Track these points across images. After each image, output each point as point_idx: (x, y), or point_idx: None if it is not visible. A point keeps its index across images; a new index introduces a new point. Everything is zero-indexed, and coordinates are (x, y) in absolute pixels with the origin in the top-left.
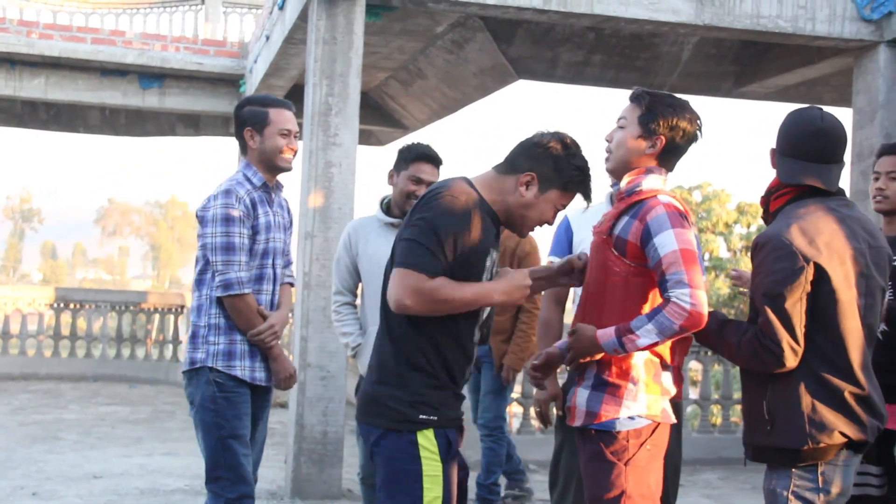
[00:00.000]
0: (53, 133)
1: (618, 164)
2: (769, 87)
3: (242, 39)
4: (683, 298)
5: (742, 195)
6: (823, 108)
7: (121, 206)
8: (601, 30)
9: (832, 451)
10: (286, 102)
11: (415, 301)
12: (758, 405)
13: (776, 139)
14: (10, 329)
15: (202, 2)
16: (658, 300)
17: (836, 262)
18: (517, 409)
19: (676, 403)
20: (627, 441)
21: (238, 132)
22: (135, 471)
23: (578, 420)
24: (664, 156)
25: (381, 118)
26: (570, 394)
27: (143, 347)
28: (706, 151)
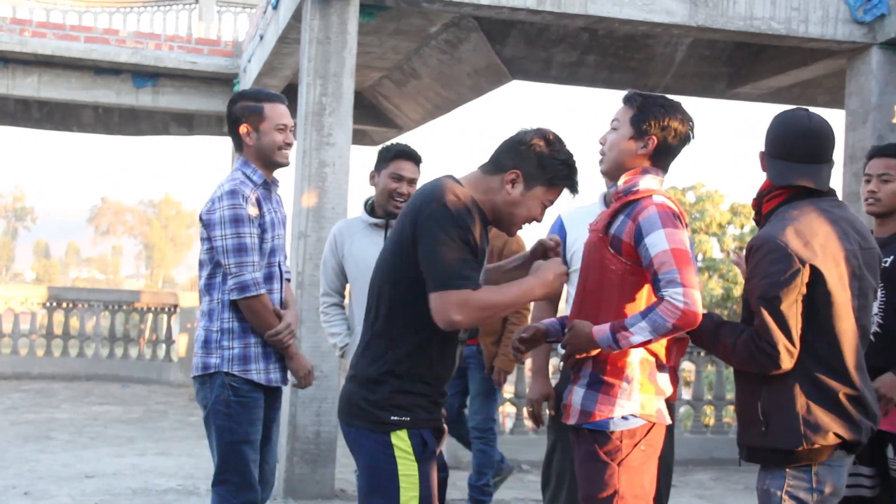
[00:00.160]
0: (47, 132)
1: (611, 166)
2: (762, 89)
3: (236, 39)
4: (677, 297)
5: (735, 196)
6: (810, 109)
7: (114, 206)
8: (595, 30)
9: (826, 452)
10: (279, 96)
11: (464, 317)
12: (752, 406)
13: (764, 142)
14: (3, 328)
15: (196, 1)
16: (654, 299)
17: (831, 264)
18: (510, 410)
19: (669, 404)
20: (621, 441)
21: (232, 129)
22: (127, 470)
23: (573, 419)
24: (657, 156)
25: (375, 118)
26: (566, 392)
27: (136, 347)
28: (699, 152)
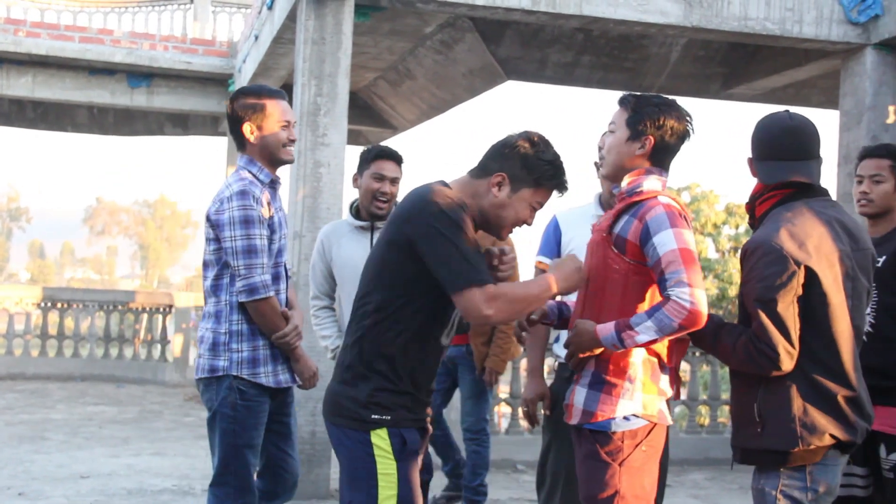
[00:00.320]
0: (41, 132)
1: (612, 169)
2: (757, 89)
3: (231, 39)
4: (683, 297)
5: (730, 196)
6: (798, 110)
7: (109, 206)
8: (590, 31)
9: (820, 453)
10: (280, 92)
11: (495, 310)
12: (748, 407)
13: (751, 147)
14: None
15: (191, 1)
16: (657, 299)
17: (826, 265)
18: (505, 410)
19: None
20: (622, 441)
21: (234, 127)
22: (122, 471)
23: (575, 418)
24: (656, 155)
25: (370, 118)
26: (569, 391)
27: (131, 347)
28: (695, 153)
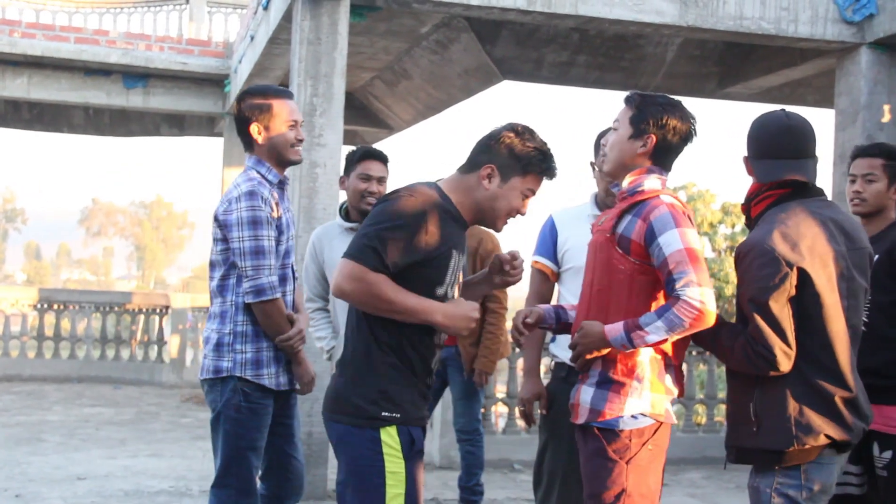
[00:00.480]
0: (37, 133)
1: (613, 166)
2: (753, 89)
3: (227, 39)
4: (693, 297)
5: (726, 195)
6: (795, 109)
7: (105, 207)
8: (586, 30)
9: (815, 452)
10: (287, 91)
11: (353, 288)
12: (744, 407)
13: (747, 146)
14: None
15: (186, 1)
16: (663, 298)
17: (819, 266)
18: (502, 409)
19: None
20: (630, 440)
21: (242, 128)
22: (119, 472)
23: (582, 417)
24: (657, 154)
25: (366, 118)
26: (574, 391)
27: (128, 348)
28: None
